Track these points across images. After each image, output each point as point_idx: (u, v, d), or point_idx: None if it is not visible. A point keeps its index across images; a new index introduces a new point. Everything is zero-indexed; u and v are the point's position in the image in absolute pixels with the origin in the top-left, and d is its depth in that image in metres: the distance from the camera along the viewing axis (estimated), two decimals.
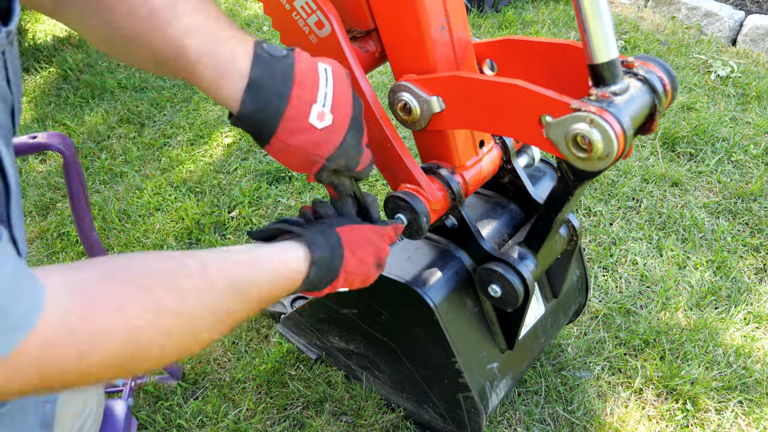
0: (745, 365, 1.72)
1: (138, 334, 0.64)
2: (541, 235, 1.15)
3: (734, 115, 2.71)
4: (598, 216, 2.21)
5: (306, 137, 0.83)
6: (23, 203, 2.41)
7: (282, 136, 0.83)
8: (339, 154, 0.86)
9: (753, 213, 2.22)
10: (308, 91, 0.82)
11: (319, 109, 0.83)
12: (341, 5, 1.05)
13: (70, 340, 0.59)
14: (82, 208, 1.34)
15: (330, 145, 0.85)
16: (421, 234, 1.13)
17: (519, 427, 1.61)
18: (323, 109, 0.83)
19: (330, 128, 0.84)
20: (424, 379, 1.43)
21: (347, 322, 1.49)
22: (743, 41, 3.33)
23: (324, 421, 1.62)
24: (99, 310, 0.62)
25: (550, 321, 1.52)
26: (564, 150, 0.87)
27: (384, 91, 2.87)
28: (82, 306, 0.61)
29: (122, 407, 1.26)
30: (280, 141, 0.83)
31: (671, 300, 1.90)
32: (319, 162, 0.86)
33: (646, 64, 0.90)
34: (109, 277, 0.66)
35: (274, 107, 0.81)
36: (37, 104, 3.01)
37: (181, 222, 2.24)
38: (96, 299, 0.62)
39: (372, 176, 2.43)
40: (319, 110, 0.83)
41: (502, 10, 3.58)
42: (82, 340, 0.60)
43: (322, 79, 0.84)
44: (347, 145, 0.86)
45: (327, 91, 0.84)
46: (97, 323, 0.61)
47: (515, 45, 1.07)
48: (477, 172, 1.22)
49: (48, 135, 1.24)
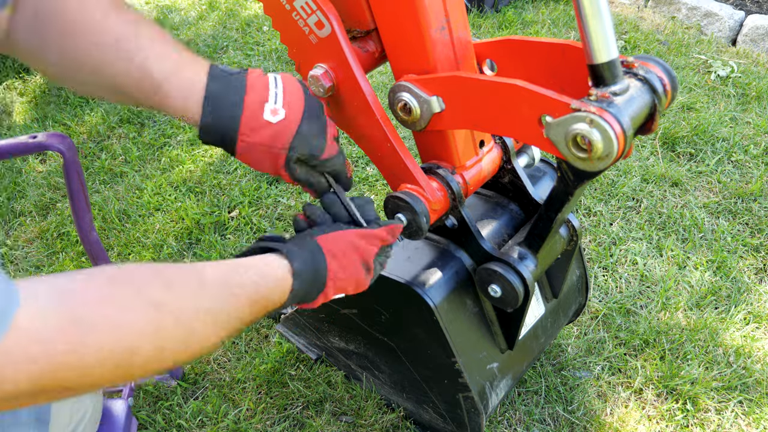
0: (745, 365, 1.72)
1: (131, 329, 0.64)
2: (541, 235, 1.15)
3: (734, 115, 2.71)
4: (598, 216, 2.21)
5: (263, 132, 0.91)
6: (23, 203, 2.41)
7: (243, 137, 0.91)
8: (298, 142, 0.93)
9: (753, 213, 2.22)
10: (259, 94, 0.92)
11: (271, 106, 0.92)
12: (341, 5, 1.05)
13: (59, 340, 0.59)
14: (82, 208, 1.34)
15: (286, 134, 0.92)
16: (421, 234, 1.13)
17: (519, 427, 1.61)
18: (275, 106, 0.92)
19: (284, 121, 0.92)
20: (424, 379, 1.43)
21: (347, 322, 1.49)
22: (743, 41, 3.33)
23: (324, 421, 1.62)
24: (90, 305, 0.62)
25: (550, 321, 1.52)
26: (564, 150, 0.87)
27: (384, 91, 2.87)
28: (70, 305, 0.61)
29: (122, 407, 1.26)
30: (243, 142, 0.92)
31: (671, 300, 1.90)
32: (282, 154, 0.93)
33: (646, 64, 0.90)
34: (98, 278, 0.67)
35: (231, 113, 0.90)
36: (37, 104, 3.01)
37: (181, 222, 2.24)
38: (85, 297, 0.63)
39: (372, 176, 2.43)
40: (272, 107, 0.92)
41: (502, 10, 3.58)
42: (72, 339, 0.60)
43: (271, 83, 0.94)
44: (303, 133, 0.93)
45: (277, 92, 0.93)
46: (87, 320, 0.61)
47: (515, 45, 1.07)
48: (477, 172, 1.22)
49: (48, 135, 1.24)
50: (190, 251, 2.14)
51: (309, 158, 0.96)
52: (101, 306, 0.63)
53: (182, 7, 3.92)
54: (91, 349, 0.61)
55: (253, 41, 3.41)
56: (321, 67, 1.09)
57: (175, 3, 3.97)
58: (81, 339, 0.60)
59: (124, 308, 0.65)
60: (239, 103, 0.90)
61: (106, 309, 0.63)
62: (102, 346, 0.62)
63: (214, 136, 0.91)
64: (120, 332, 0.64)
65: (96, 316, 0.62)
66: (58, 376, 0.60)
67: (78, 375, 0.61)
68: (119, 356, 0.64)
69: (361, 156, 2.52)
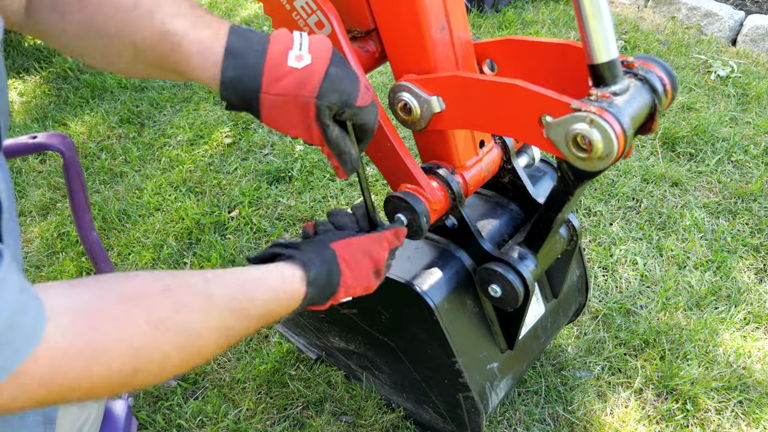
0: (745, 365, 1.72)
1: (141, 349, 0.65)
2: (541, 235, 1.15)
3: (734, 115, 2.71)
4: (598, 216, 2.21)
5: (288, 79, 0.84)
6: (23, 203, 2.41)
7: (267, 88, 0.84)
8: (328, 88, 0.85)
9: (753, 213, 2.22)
10: (283, 44, 0.85)
11: (296, 53, 0.85)
12: (341, 5, 1.05)
13: (76, 357, 0.60)
14: (82, 208, 1.34)
15: (314, 79, 0.84)
16: (421, 234, 1.13)
17: (519, 427, 1.61)
18: (300, 52, 0.85)
19: (310, 66, 0.84)
20: (424, 379, 1.43)
21: (347, 322, 1.49)
22: (743, 41, 3.33)
23: (324, 421, 1.62)
24: (103, 327, 0.63)
25: (550, 321, 1.52)
26: (564, 150, 0.87)
27: (384, 91, 2.87)
28: (86, 324, 0.62)
29: (122, 407, 1.26)
30: (267, 95, 0.85)
31: (671, 300, 1.90)
32: (311, 103, 0.85)
33: (646, 64, 0.90)
34: (111, 294, 0.67)
35: (254, 62, 0.84)
36: (37, 104, 3.01)
37: (181, 222, 2.24)
38: (99, 316, 0.63)
39: (372, 176, 2.43)
40: (296, 53, 0.85)
41: (502, 10, 3.58)
42: (88, 357, 0.61)
43: (296, 35, 0.88)
44: (333, 76, 0.85)
45: (302, 41, 0.87)
46: (101, 340, 0.62)
47: (515, 45, 1.07)
48: (477, 172, 1.22)
49: (48, 135, 1.24)
50: (190, 251, 2.14)
51: (342, 107, 0.87)
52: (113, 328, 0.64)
53: None
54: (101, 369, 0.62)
55: None
56: None
57: None
58: (93, 361, 0.62)
59: (134, 330, 0.65)
60: (262, 53, 0.84)
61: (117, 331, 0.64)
62: (111, 367, 0.63)
63: (236, 94, 0.85)
64: (129, 353, 0.65)
65: (108, 339, 0.63)
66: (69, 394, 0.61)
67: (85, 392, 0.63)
68: (125, 375, 0.65)
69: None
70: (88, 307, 0.64)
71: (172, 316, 0.69)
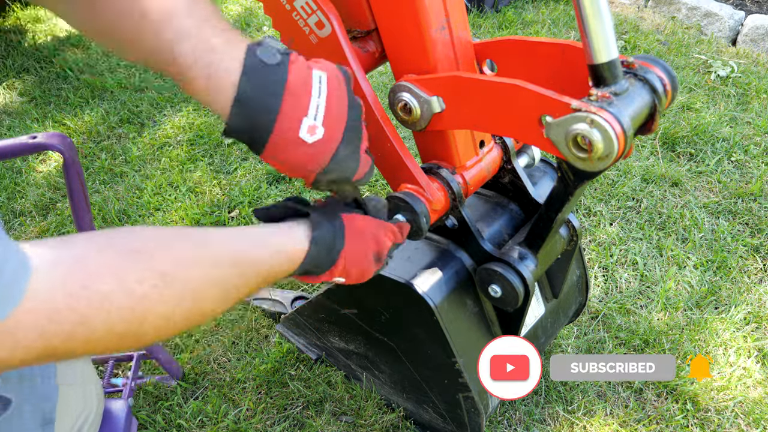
0: (745, 365, 1.72)
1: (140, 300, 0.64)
2: (541, 235, 1.15)
3: (734, 115, 2.71)
4: (598, 216, 2.21)
5: (296, 152, 0.81)
6: (23, 203, 2.41)
7: (271, 151, 0.81)
8: (332, 168, 0.84)
9: (753, 213, 2.22)
10: (299, 105, 0.80)
11: (309, 122, 0.80)
12: (341, 5, 1.05)
13: (72, 305, 0.59)
14: (82, 208, 1.34)
15: (322, 159, 0.83)
16: (421, 234, 1.12)
17: (519, 427, 1.61)
18: (314, 122, 0.81)
19: (321, 141, 0.81)
20: (424, 379, 1.43)
21: (347, 322, 1.49)
22: (743, 41, 3.33)
23: (324, 421, 1.62)
24: (100, 275, 0.62)
25: (550, 321, 1.52)
26: (564, 150, 0.87)
27: (384, 91, 2.87)
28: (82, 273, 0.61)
29: (122, 407, 1.26)
30: (271, 154, 0.82)
31: (671, 300, 1.90)
32: (312, 175, 0.85)
33: (646, 65, 0.90)
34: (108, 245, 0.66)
35: (263, 122, 0.79)
36: (37, 104, 3.01)
37: (181, 222, 2.24)
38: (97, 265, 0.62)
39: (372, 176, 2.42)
40: (310, 124, 0.80)
41: (502, 10, 3.58)
42: (85, 305, 0.60)
43: (314, 89, 0.81)
44: (340, 157, 0.84)
45: (319, 103, 0.81)
46: (98, 288, 0.61)
47: (515, 45, 1.07)
48: (477, 172, 1.22)
49: (48, 135, 1.24)
50: None
51: (340, 180, 0.88)
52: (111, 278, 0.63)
53: None
54: (99, 320, 0.61)
55: None
56: None
57: None
58: (90, 311, 0.60)
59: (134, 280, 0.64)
60: (275, 110, 0.78)
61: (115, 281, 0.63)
62: (110, 318, 0.62)
63: (240, 137, 0.82)
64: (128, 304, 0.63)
65: (114, 291, 0.62)
66: (67, 345, 0.60)
67: (85, 343, 0.61)
68: (127, 326, 0.64)
69: None
70: (84, 257, 0.62)
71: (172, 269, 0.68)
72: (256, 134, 0.80)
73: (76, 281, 0.60)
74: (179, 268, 0.69)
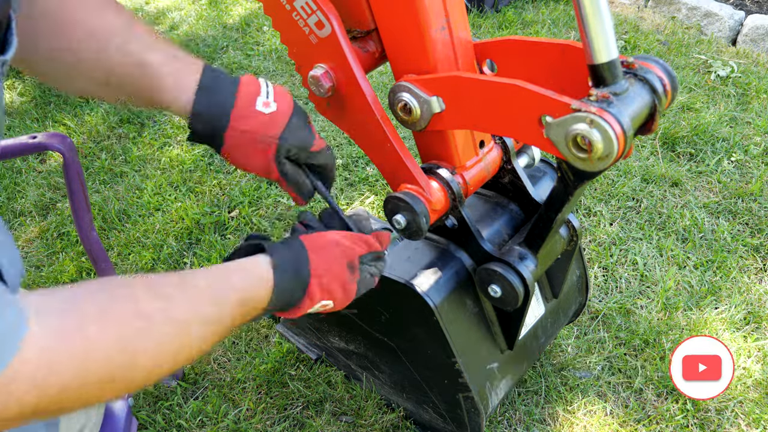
0: (745, 365, 1.72)
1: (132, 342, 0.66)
2: (541, 236, 1.15)
3: (734, 115, 2.71)
4: (598, 216, 2.21)
5: (256, 120, 0.95)
6: (23, 203, 2.41)
7: (234, 124, 0.94)
8: (289, 133, 0.97)
9: (753, 213, 2.22)
10: (252, 89, 0.96)
11: (263, 99, 0.96)
12: (341, 5, 1.05)
13: (66, 355, 0.60)
14: (82, 208, 1.34)
15: (278, 124, 0.96)
16: (421, 234, 1.13)
17: (519, 427, 1.61)
18: (267, 99, 0.97)
19: (275, 113, 0.96)
20: (424, 379, 1.43)
21: (347, 322, 1.49)
22: (743, 41, 3.33)
23: (324, 421, 1.63)
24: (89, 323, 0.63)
25: (550, 321, 1.52)
26: (564, 150, 0.87)
27: (384, 91, 2.87)
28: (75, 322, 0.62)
29: (122, 407, 1.26)
30: (234, 130, 0.95)
31: (671, 300, 1.90)
32: (273, 143, 0.96)
33: (646, 65, 0.90)
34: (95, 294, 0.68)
35: (224, 100, 0.94)
36: (37, 104, 3.01)
37: (181, 222, 2.24)
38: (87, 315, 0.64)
39: (372, 176, 2.43)
40: (264, 100, 0.96)
41: (502, 10, 3.58)
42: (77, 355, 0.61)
43: (262, 81, 0.99)
44: (294, 125, 0.98)
45: (269, 90, 0.98)
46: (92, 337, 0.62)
47: (515, 45, 1.07)
48: (477, 172, 1.22)
49: (48, 135, 1.24)
50: (190, 251, 2.14)
51: (300, 151, 1.00)
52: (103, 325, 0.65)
53: (182, 6, 3.92)
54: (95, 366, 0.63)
55: (253, 41, 3.41)
56: (321, 68, 1.09)
57: (176, 3, 3.97)
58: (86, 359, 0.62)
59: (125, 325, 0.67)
60: (233, 93, 0.94)
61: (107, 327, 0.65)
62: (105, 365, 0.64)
63: (204, 126, 0.94)
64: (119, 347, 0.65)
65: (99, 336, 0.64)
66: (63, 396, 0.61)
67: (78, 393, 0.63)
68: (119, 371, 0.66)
69: (361, 156, 2.52)
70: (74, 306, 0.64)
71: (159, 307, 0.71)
72: (219, 115, 0.94)
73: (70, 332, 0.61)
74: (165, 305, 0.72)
